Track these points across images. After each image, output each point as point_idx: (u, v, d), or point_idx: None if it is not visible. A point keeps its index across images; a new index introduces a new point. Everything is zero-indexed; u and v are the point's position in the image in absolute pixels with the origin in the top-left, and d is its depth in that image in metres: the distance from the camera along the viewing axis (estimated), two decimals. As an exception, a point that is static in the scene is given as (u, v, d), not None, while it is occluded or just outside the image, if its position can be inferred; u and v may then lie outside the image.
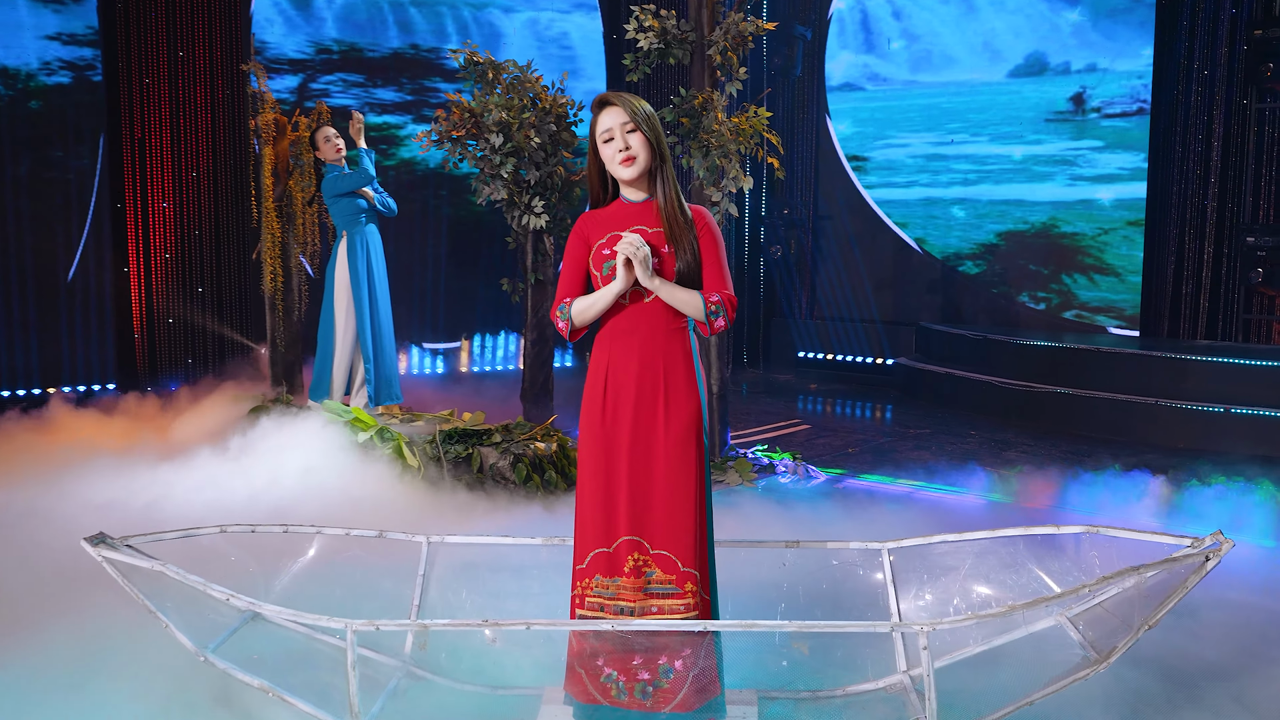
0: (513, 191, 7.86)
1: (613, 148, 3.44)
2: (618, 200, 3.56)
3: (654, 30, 7.37)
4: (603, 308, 3.45)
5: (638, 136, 3.41)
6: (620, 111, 3.43)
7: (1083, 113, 10.83)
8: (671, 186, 3.46)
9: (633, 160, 3.41)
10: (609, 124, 3.44)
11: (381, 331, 7.42)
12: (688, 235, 3.42)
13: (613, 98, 3.46)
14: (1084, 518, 6.07)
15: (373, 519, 5.42)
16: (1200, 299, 10.36)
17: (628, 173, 3.43)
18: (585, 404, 3.53)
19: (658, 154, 3.44)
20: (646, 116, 3.43)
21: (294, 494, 5.74)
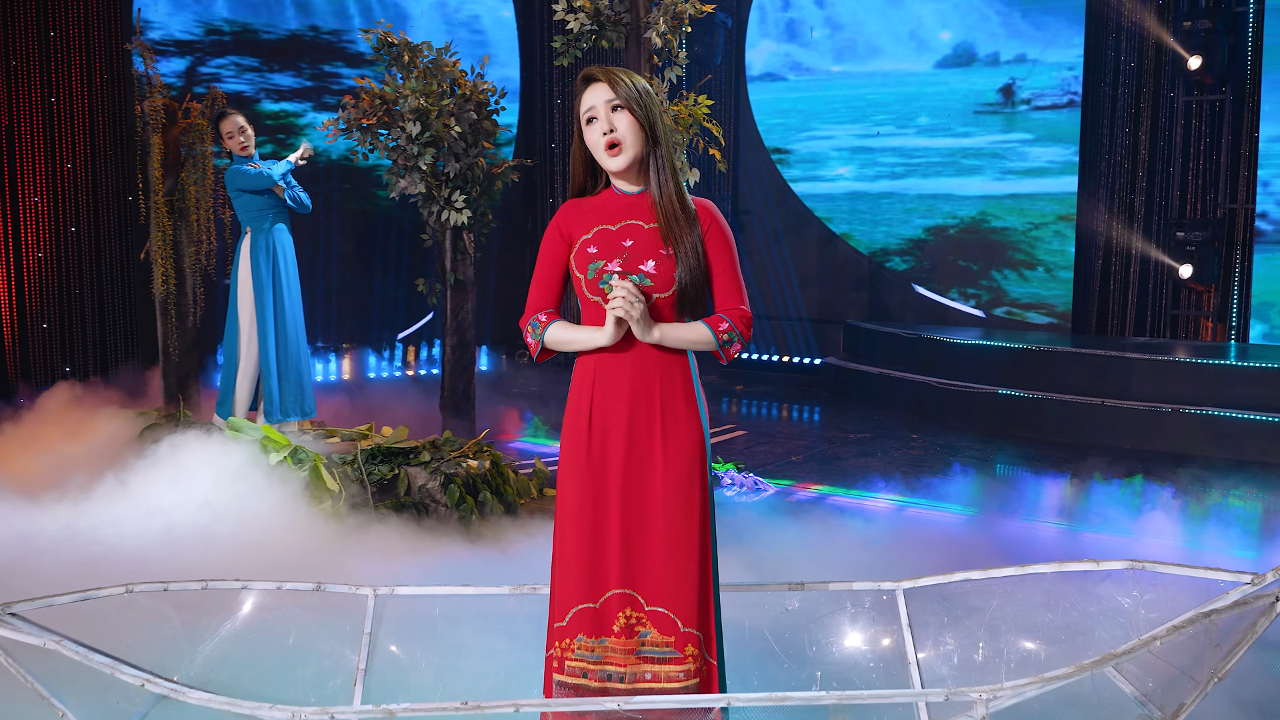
0: (431, 185, 7.25)
1: (597, 129, 2.89)
2: (607, 190, 3.01)
3: (585, 11, 6.82)
4: (583, 348, 2.93)
5: (625, 118, 2.87)
6: (604, 88, 2.88)
7: (1012, 105, 10.60)
8: (669, 176, 2.92)
9: (619, 147, 2.87)
10: (593, 101, 2.89)
11: (289, 340, 6.65)
12: (690, 235, 2.88)
13: (598, 72, 2.91)
14: (1072, 532, 5.73)
15: (292, 556, 4.81)
16: (1129, 295, 10.21)
17: (614, 162, 2.89)
18: (567, 434, 2.99)
19: (650, 138, 2.91)
20: (638, 94, 2.88)
21: (199, 530, 5.06)
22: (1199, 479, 6.82)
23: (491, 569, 4.80)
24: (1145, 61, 9.96)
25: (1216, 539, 5.63)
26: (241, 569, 4.19)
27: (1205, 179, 9.90)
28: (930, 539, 5.48)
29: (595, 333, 2.90)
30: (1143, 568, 3.40)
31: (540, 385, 10.34)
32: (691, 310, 2.90)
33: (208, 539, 4.89)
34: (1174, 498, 6.33)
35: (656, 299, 2.88)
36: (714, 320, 2.90)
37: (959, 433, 8.63)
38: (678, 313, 2.90)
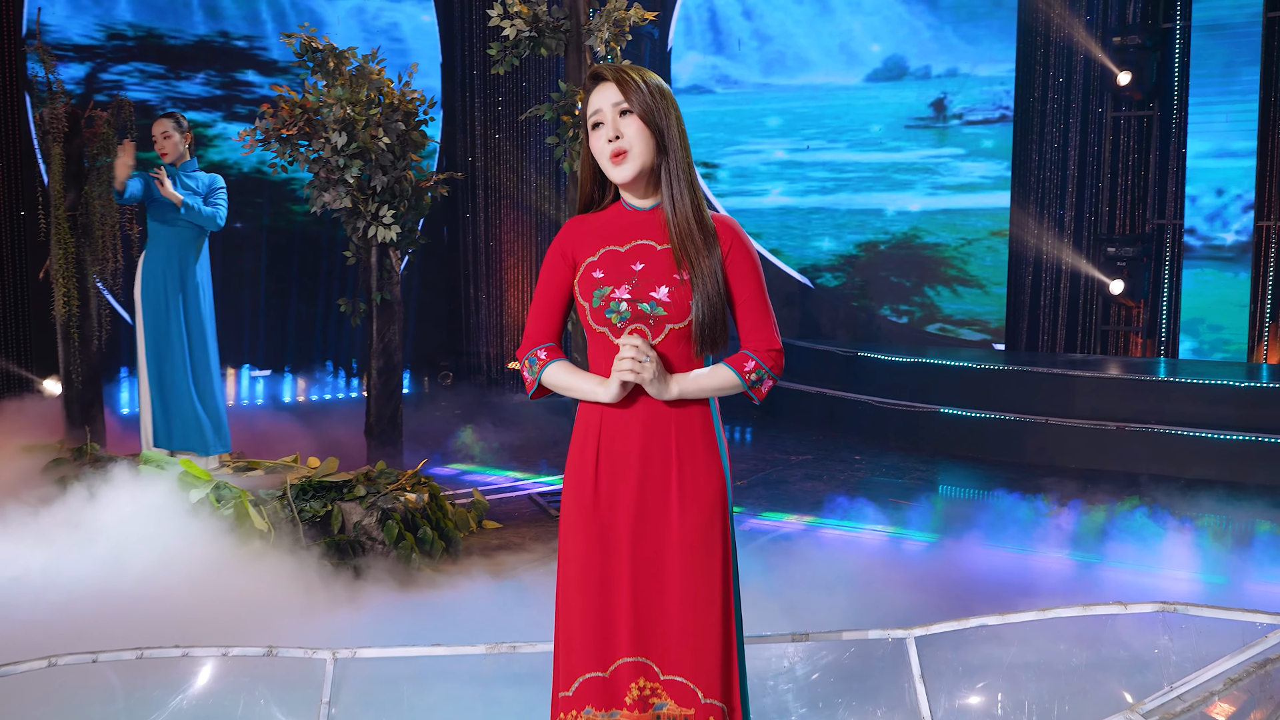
0: (357, 199, 6.84)
1: (602, 136, 2.56)
2: (616, 204, 2.68)
3: (523, 17, 6.48)
4: (584, 398, 2.61)
5: (634, 123, 2.53)
6: (612, 89, 2.55)
7: (944, 119, 10.51)
8: (685, 190, 2.58)
9: (624, 156, 2.54)
10: (599, 104, 2.56)
11: (193, 368, 6.09)
12: (708, 258, 2.55)
13: (606, 71, 2.58)
14: (1041, 558, 5.53)
15: (223, 608, 4.35)
16: (1059, 310, 10.18)
17: (619, 173, 2.55)
18: (570, 482, 2.64)
19: (662, 147, 2.58)
20: (650, 95, 2.54)
21: (116, 580, 4.57)
22: (1155, 499, 6.70)
23: (444, 617, 4.43)
24: (1075, 77, 9.95)
25: (1187, 561, 5.48)
26: (169, 628, 3.75)
27: (1134, 194, 9.91)
28: (903, 570, 5.24)
29: (598, 387, 2.56)
30: (1174, 610, 3.17)
31: (466, 409, 9.92)
32: (711, 343, 2.57)
33: (123, 593, 4.40)
34: (1136, 519, 6.19)
35: (670, 330, 2.55)
36: (738, 360, 2.58)
37: (902, 453, 8.45)
38: (696, 346, 2.57)
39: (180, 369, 6.06)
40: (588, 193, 2.69)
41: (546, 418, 9.55)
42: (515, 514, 6.63)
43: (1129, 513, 6.33)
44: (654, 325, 2.54)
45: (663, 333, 2.55)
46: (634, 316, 2.54)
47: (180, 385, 6.07)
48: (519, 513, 6.67)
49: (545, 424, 9.30)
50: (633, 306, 2.53)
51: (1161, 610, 3.16)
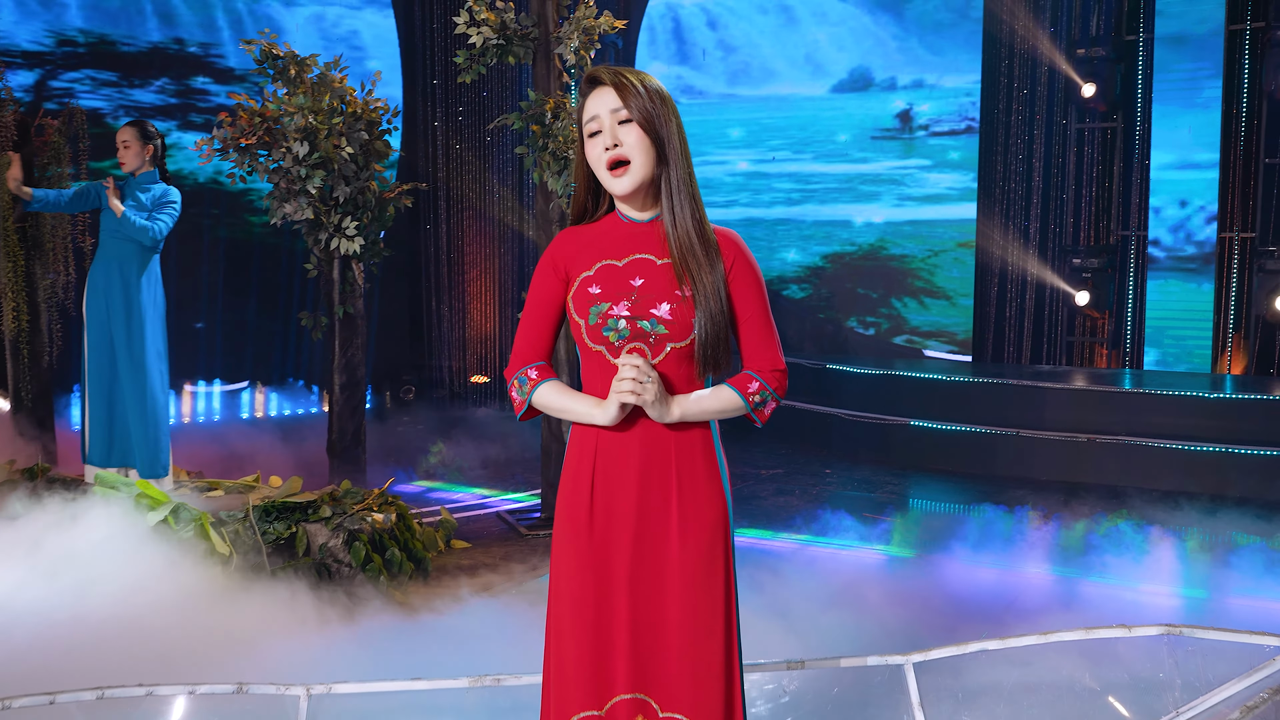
0: (319, 210, 6.66)
1: (599, 144, 2.43)
2: (611, 215, 2.54)
3: (490, 25, 6.34)
4: (579, 421, 2.47)
5: (633, 131, 2.40)
6: (610, 94, 2.41)
7: (910, 130, 10.48)
8: (686, 202, 2.45)
9: (624, 166, 2.41)
10: (596, 110, 2.42)
11: (134, 384, 5.78)
12: (711, 273, 2.42)
13: (604, 74, 2.44)
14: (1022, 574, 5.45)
15: (186, 638, 4.17)
16: (1025, 322, 10.17)
17: (618, 184, 2.42)
18: (563, 509, 2.50)
19: (663, 157, 2.45)
20: (650, 101, 2.41)
21: (71, 611, 4.36)
22: (1130, 512, 6.67)
23: (418, 644, 4.26)
24: (1040, 88, 9.96)
25: (1167, 576, 5.43)
26: (129, 662, 3.57)
27: (1099, 206, 9.93)
28: (885, 588, 5.13)
29: (593, 408, 2.41)
30: (1179, 632, 3.08)
31: (429, 424, 9.74)
32: (714, 363, 2.44)
33: (79, 624, 4.20)
34: (1115, 533, 6.14)
35: (671, 349, 2.42)
36: (741, 381, 2.45)
37: (873, 466, 8.37)
38: (698, 366, 2.44)
39: (120, 385, 5.80)
40: (582, 202, 2.55)
41: (512, 433, 9.39)
42: (484, 533, 6.47)
43: (1108, 526, 6.29)
44: (654, 344, 2.41)
45: (663, 352, 2.42)
46: (633, 335, 2.41)
47: (119, 401, 5.80)
48: (488, 531, 6.50)
49: (510, 439, 9.14)
50: (632, 324, 2.40)
51: (1167, 633, 3.07)
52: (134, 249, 5.75)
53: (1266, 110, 9.22)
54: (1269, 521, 6.33)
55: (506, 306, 10.74)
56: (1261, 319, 9.33)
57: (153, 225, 5.71)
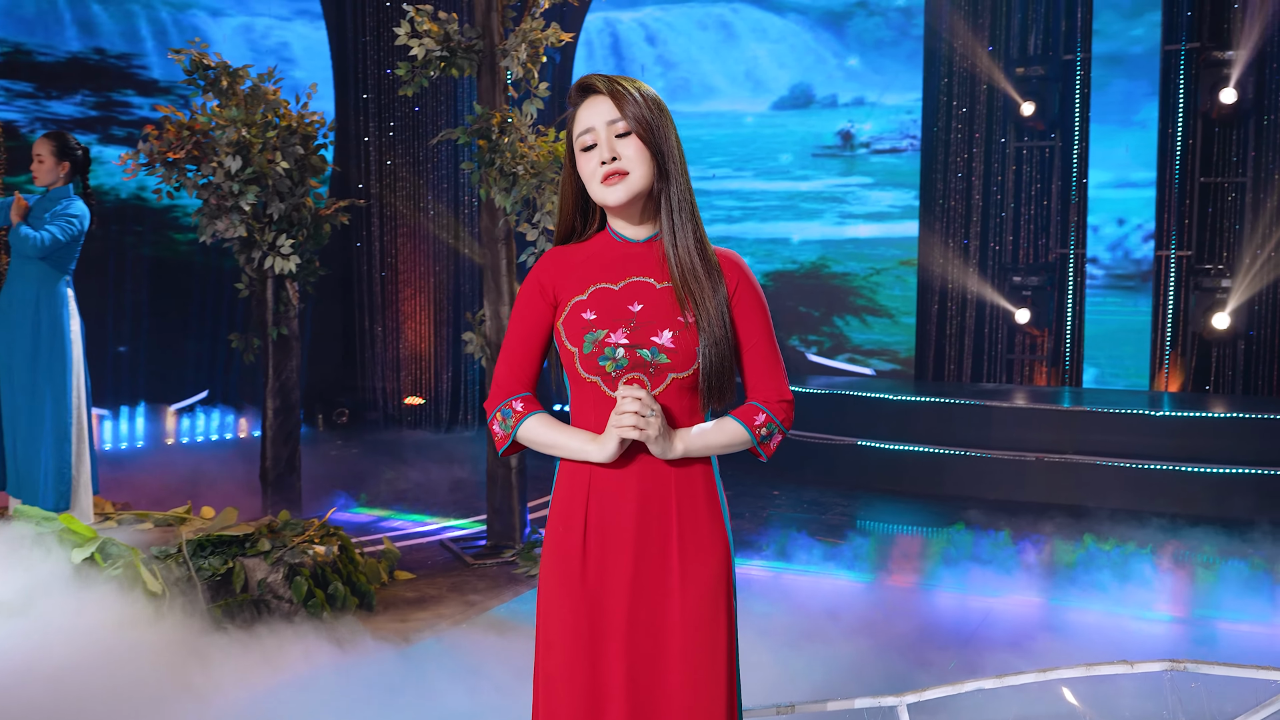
0: (253, 228, 6.38)
1: (594, 158, 2.24)
2: (602, 234, 2.35)
3: (433, 36, 6.12)
4: (571, 457, 2.27)
5: (632, 143, 2.22)
6: (606, 104, 2.23)
7: (851, 148, 10.43)
8: (688, 220, 2.27)
9: (619, 178, 2.22)
10: (591, 122, 2.23)
11: (28, 410, 5.37)
12: (714, 296, 2.24)
13: (599, 82, 2.25)
14: (984, 597, 5.34)
15: (118, 687, 3.87)
16: (965, 340, 10.16)
17: (612, 195, 2.23)
18: (552, 555, 2.29)
19: (662, 170, 2.27)
20: (648, 110, 2.23)
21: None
22: (1082, 531, 6.62)
23: (367, 686, 4.02)
24: (979, 107, 9.97)
25: (1134, 598, 5.36)
26: (53, 715, 3.29)
27: (1038, 224, 9.95)
28: (850, 615, 4.98)
29: (588, 444, 2.22)
30: (1183, 668, 2.96)
31: (364, 448, 9.43)
32: (719, 393, 2.25)
33: (5, 668, 3.89)
34: (1072, 553, 6.08)
35: (673, 380, 2.23)
36: (747, 413, 2.27)
37: (820, 487, 8.25)
38: (702, 398, 2.25)
39: (28, 411, 5.41)
40: (569, 221, 2.36)
41: (449, 457, 9.12)
42: (427, 562, 6.21)
43: (1064, 547, 6.22)
44: (655, 374, 2.22)
45: (664, 382, 2.23)
46: (632, 364, 2.21)
47: (27, 428, 5.42)
48: (431, 561, 6.25)
49: (448, 463, 8.87)
50: (631, 353, 2.21)
51: (1170, 668, 2.94)
52: (45, 268, 5.35)
53: (1201, 130, 9.31)
54: (1223, 540, 6.31)
55: (442, 326, 10.47)
56: (1198, 336, 9.40)
57: (38, 234, 5.24)
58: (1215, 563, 5.76)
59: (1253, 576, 5.62)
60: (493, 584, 5.78)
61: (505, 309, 6.25)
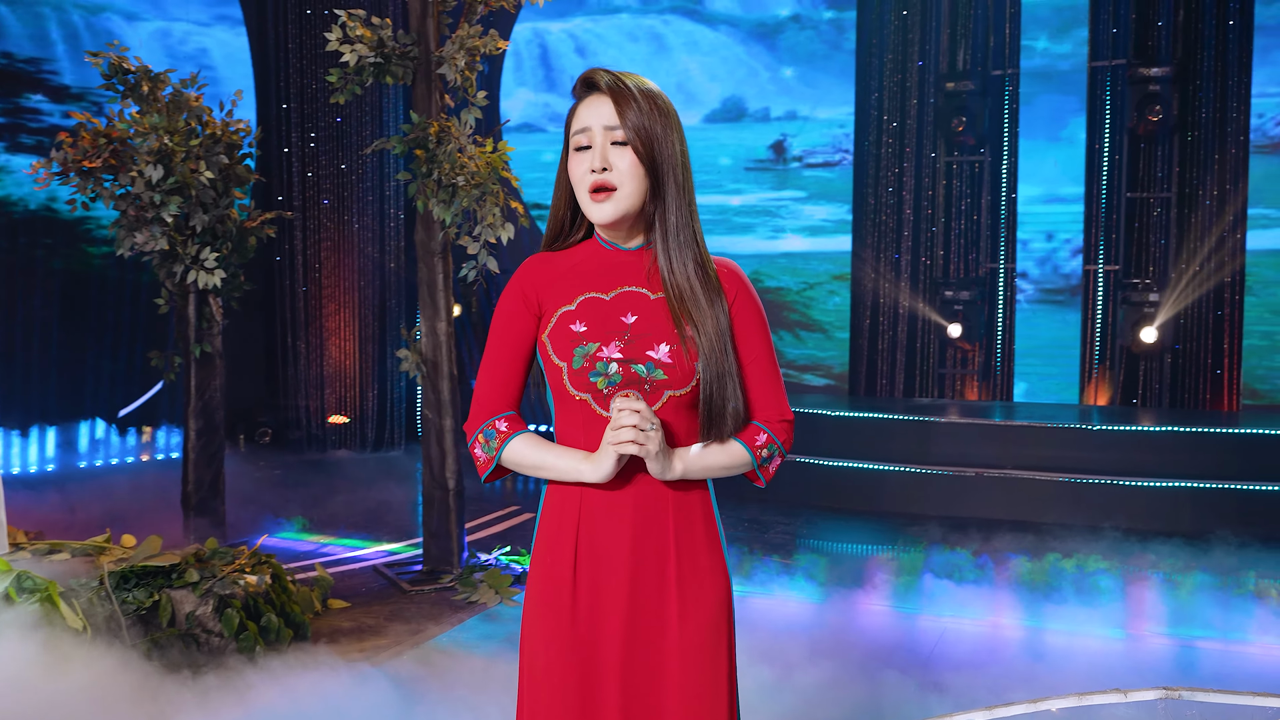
0: (175, 241, 6.10)
1: (585, 162, 2.07)
2: (590, 241, 2.19)
3: (365, 42, 5.90)
4: (562, 479, 2.11)
5: (626, 156, 2.05)
6: (606, 105, 2.06)
7: (784, 162, 10.38)
8: (689, 245, 2.10)
9: (607, 195, 2.06)
10: (588, 122, 2.06)
11: None
12: (713, 309, 2.09)
13: (602, 78, 2.08)
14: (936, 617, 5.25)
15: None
16: (898, 354, 10.15)
17: (598, 212, 2.07)
18: (539, 583, 2.12)
19: (657, 188, 2.09)
20: (651, 119, 2.06)
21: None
22: (1029, 547, 6.59)
23: None
24: (909, 121, 9.99)
25: (1089, 616, 5.32)
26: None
27: (968, 238, 9.99)
28: (802, 635, 4.86)
29: (582, 464, 2.06)
30: (1178, 696, 2.87)
31: (287, 469, 9.11)
32: (721, 414, 2.09)
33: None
34: (1014, 569, 6.03)
35: (670, 397, 2.07)
36: (748, 433, 2.13)
37: (759, 505, 8.13)
38: (702, 420, 2.09)
39: None
40: (560, 219, 2.19)
41: (378, 477, 8.85)
42: (362, 589, 5.96)
43: (1011, 563, 6.18)
44: (650, 391, 2.06)
45: (660, 400, 2.07)
46: (626, 380, 2.05)
47: None
48: (366, 587, 6.00)
49: (377, 484, 8.59)
50: (625, 369, 2.05)
51: (1164, 697, 2.85)
52: None
53: (1128, 145, 9.42)
54: (1169, 554, 6.31)
55: (368, 343, 10.18)
56: (1126, 350, 9.51)
57: None
58: (1167, 578, 5.74)
59: (1201, 591, 5.62)
60: (432, 611, 5.56)
61: (442, 325, 6.04)
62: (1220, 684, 4.18)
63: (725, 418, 2.07)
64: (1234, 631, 5.12)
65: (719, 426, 2.07)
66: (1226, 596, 5.54)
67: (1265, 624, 5.19)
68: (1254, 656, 4.85)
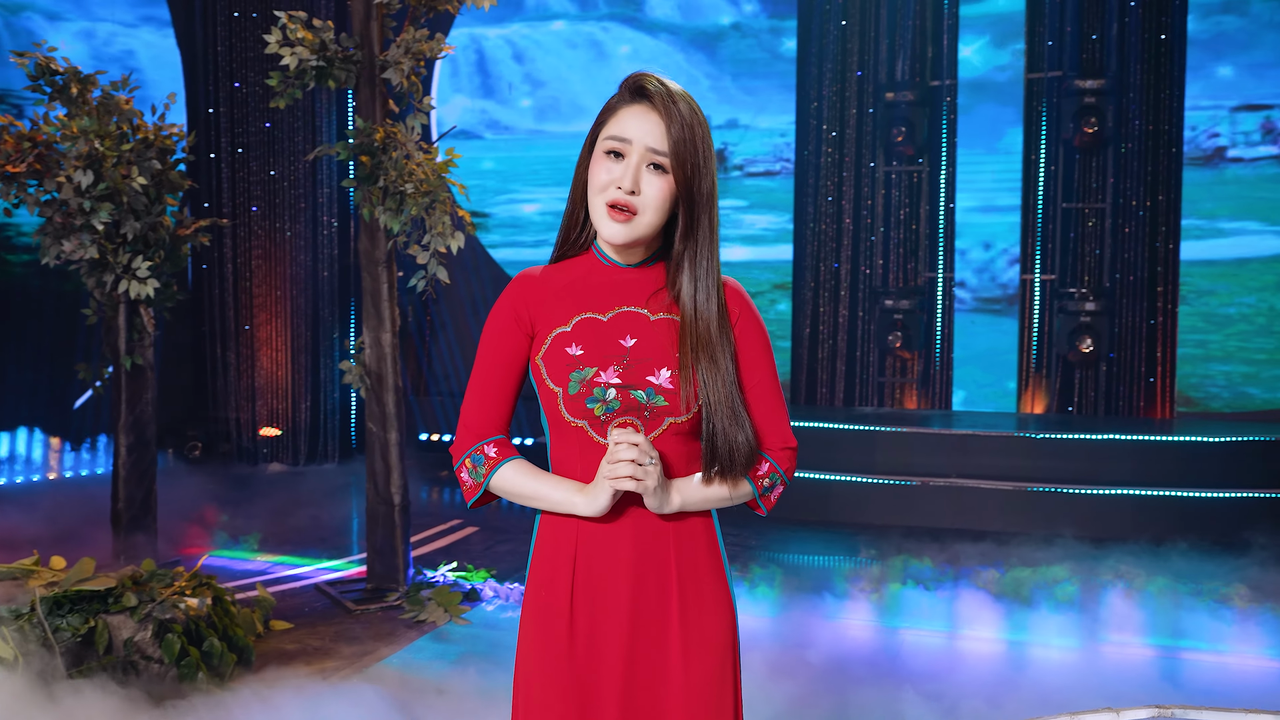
0: (105, 249, 5.86)
1: (612, 171, 1.94)
2: (587, 254, 2.08)
3: (306, 44, 5.73)
4: (554, 510, 2.00)
5: (660, 184, 1.93)
6: (657, 125, 1.92)
7: (725, 170, 10.33)
8: (714, 289, 2.00)
9: (627, 215, 1.94)
10: (631, 133, 1.93)
11: None
12: (725, 356, 1.98)
13: (657, 90, 1.94)
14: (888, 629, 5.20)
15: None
16: (838, 363, 10.15)
17: (612, 230, 1.95)
18: (533, 620, 2.01)
19: (691, 224, 1.98)
20: (693, 154, 1.93)
21: None
22: (978, 555, 6.59)
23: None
24: (849, 130, 10.00)
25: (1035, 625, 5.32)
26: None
27: (907, 248, 10.02)
28: (757, 652, 4.77)
29: (573, 495, 1.96)
30: (1170, 715, 2.83)
31: (219, 484, 8.83)
32: (728, 446, 1.99)
33: None
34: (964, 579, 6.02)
35: (670, 425, 1.97)
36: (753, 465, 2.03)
37: (705, 516, 8.05)
38: (705, 452, 1.99)
39: None
40: (575, 220, 2.07)
41: (313, 491, 8.61)
42: (304, 609, 5.77)
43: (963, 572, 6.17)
44: (650, 418, 1.96)
45: (660, 427, 1.97)
46: (625, 407, 1.95)
47: None
48: (309, 607, 5.81)
49: (313, 499, 8.36)
50: (624, 395, 1.94)
51: (1157, 715, 2.81)
52: None
53: (1063, 156, 9.52)
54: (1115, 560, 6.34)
55: (300, 353, 9.93)
56: (1063, 359, 9.59)
57: None
58: (1121, 586, 5.77)
59: (1160, 599, 5.65)
60: (380, 631, 5.39)
61: (387, 336, 5.87)
62: (1188, 694, 4.18)
63: (736, 464, 1.97)
64: (1194, 640, 5.15)
65: (730, 471, 1.97)
66: (1189, 604, 5.57)
67: (1224, 632, 5.23)
68: (1216, 665, 4.88)
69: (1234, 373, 9.26)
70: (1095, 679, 4.54)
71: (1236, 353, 9.25)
